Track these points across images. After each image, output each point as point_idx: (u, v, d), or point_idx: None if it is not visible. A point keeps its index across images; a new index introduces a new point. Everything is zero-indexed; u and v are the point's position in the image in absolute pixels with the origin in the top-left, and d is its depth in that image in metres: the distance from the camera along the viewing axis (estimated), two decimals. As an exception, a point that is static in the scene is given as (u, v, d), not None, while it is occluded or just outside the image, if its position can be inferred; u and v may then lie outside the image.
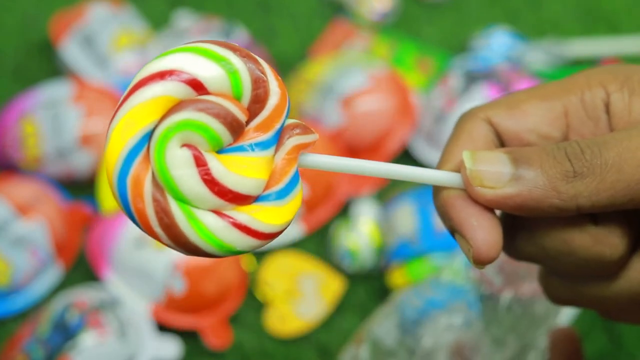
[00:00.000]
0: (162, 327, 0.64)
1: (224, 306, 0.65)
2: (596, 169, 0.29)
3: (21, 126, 0.71)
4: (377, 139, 0.73)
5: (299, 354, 0.64)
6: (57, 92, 0.73)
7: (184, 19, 0.82)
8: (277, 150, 0.28)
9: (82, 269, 0.68)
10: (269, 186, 0.28)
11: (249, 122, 0.28)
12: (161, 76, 0.27)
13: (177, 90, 0.27)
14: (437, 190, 0.32)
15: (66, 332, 0.59)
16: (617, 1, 0.87)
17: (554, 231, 0.31)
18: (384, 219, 0.69)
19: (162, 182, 0.27)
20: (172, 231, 0.27)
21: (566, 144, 0.30)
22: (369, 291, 0.67)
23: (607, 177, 0.29)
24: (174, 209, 0.27)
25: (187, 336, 0.64)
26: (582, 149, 0.30)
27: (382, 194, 0.72)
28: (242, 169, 0.27)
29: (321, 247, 0.70)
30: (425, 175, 0.31)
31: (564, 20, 0.86)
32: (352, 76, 0.74)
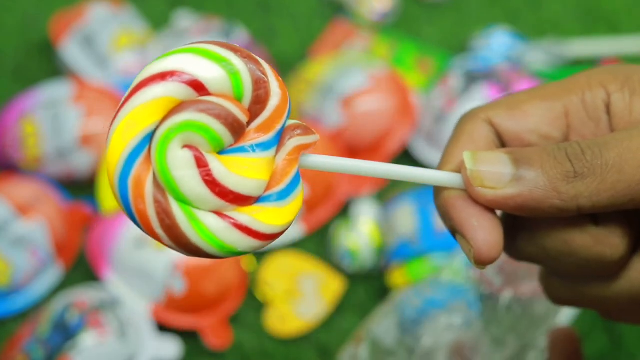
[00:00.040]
0: (162, 327, 0.63)
1: (224, 306, 0.65)
2: (597, 169, 0.29)
3: (21, 126, 0.71)
4: (377, 139, 0.73)
5: (299, 354, 0.64)
6: (57, 92, 0.73)
7: (184, 19, 0.82)
8: (278, 151, 0.28)
9: (82, 269, 0.68)
10: (270, 187, 0.28)
11: (250, 123, 0.28)
12: (162, 77, 0.27)
13: (178, 91, 0.27)
14: (438, 190, 0.32)
15: (66, 332, 0.59)
16: (617, 1, 0.87)
17: (555, 232, 0.31)
18: (384, 219, 0.69)
19: (163, 183, 0.27)
20: (173, 232, 0.27)
21: (567, 145, 0.30)
22: (369, 291, 0.67)
23: (607, 178, 0.29)
24: (175, 210, 0.27)
25: (187, 336, 0.64)
26: (582, 149, 0.30)
27: (382, 194, 0.72)
28: (243, 170, 0.27)
29: (321, 247, 0.70)
30: (426, 175, 0.31)
31: (564, 20, 0.86)
32: (352, 76, 0.74)
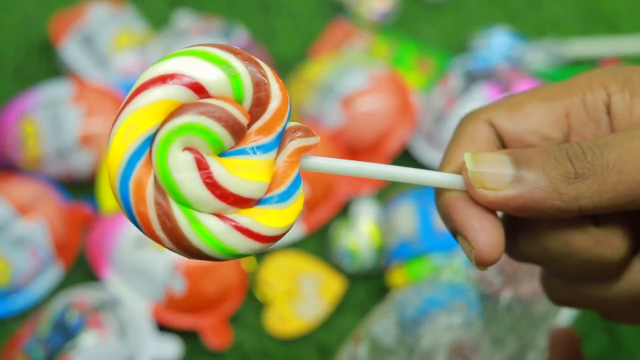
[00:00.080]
0: (162, 327, 0.64)
1: (224, 306, 0.65)
2: (597, 170, 0.29)
3: (21, 126, 0.71)
4: (377, 139, 0.73)
5: (299, 354, 0.64)
6: (57, 92, 0.73)
7: (184, 19, 0.82)
8: (278, 153, 0.28)
9: (82, 269, 0.68)
10: (271, 189, 0.28)
11: (251, 125, 0.28)
12: (163, 80, 0.27)
13: (179, 93, 0.27)
14: (439, 192, 0.32)
15: (66, 332, 0.59)
16: (617, 1, 0.87)
17: (556, 233, 0.31)
18: (384, 219, 0.69)
19: (164, 186, 0.27)
20: (174, 234, 0.27)
21: (567, 146, 0.30)
22: (369, 291, 0.67)
23: (608, 179, 0.29)
24: (176, 212, 0.27)
25: (187, 336, 0.64)
26: (583, 150, 0.30)
27: (382, 194, 0.72)
28: (243, 172, 0.27)
29: (321, 247, 0.70)
30: (427, 177, 0.31)
31: (564, 20, 0.86)
32: (352, 76, 0.74)
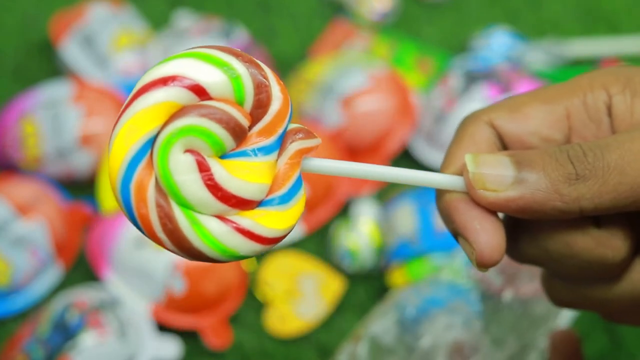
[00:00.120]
0: (162, 327, 0.64)
1: (224, 306, 0.65)
2: (598, 171, 0.29)
3: (21, 126, 0.71)
4: (377, 139, 0.73)
5: (299, 354, 0.64)
6: (57, 92, 0.73)
7: (184, 19, 0.82)
8: (279, 155, 0.28)
9: (82, 269, 0.68)
10: (272, 191, 0.28)
11: (252, 127, 0.28)
12: (164, 82, 0.27)
13: (180, 96, 0.27)
14: (440, 193, 0.32)
15: (66, 332, 0.59)
16: (617, 1, 0.87)
17: (557, 234, 0.31)
18: (384, 219, 0.69)
19: (165, 188, 0.27)
20: (175, 236, 0.27)
21: (568, 147, 0.30)
22: (369, 291, 0.67)
23: (609, 180, 0.29)
24: (178, 214, 0.27)
25: (187, 336, 0.64)
26: (584, 151, 0.30)
27: (382, 194, 0.72)
28: (245, 174, 0.27)
29: (321, 247, 0.70)
30: (428, 178, 0.31)
31: (564, 20, 0.86)
32: (352, 76, 0.74)
